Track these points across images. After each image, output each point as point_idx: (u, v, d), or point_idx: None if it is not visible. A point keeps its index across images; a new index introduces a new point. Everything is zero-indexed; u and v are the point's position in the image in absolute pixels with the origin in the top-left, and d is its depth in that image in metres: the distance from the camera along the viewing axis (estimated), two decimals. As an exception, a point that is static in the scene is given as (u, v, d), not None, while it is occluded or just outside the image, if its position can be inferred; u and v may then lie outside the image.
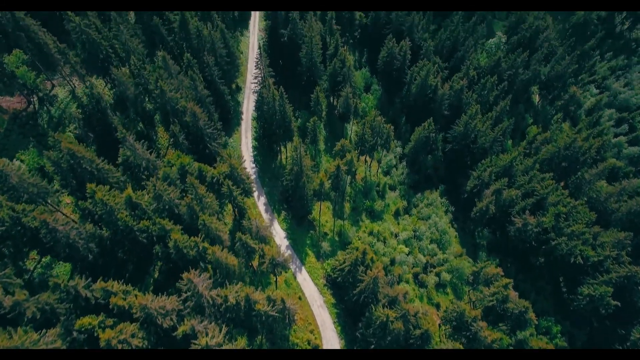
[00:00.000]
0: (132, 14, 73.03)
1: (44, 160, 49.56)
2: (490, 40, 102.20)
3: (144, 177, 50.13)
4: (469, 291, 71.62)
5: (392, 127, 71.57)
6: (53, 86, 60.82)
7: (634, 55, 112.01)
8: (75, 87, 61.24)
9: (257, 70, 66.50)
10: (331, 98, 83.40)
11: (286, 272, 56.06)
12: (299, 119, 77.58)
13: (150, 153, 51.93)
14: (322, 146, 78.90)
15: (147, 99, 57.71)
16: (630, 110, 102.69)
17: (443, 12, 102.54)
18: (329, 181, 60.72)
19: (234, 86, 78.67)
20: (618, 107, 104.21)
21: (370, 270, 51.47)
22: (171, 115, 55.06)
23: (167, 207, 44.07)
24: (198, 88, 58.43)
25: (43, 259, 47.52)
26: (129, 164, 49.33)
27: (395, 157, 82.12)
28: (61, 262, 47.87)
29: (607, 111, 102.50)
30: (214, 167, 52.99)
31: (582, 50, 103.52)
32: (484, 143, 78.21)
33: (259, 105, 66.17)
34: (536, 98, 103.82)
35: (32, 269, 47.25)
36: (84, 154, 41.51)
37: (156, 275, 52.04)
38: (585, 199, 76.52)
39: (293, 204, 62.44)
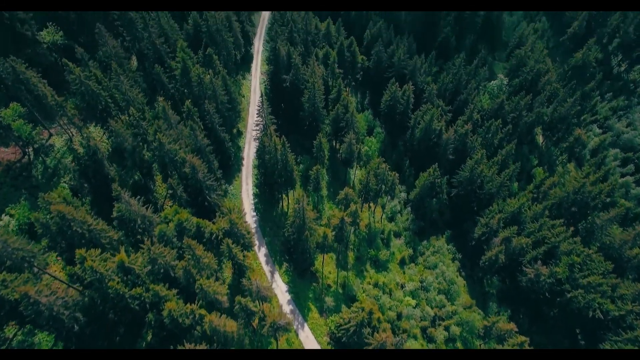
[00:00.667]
0: (134, 61, 72.90)
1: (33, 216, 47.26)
2: (492, 82, 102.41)
3: (139, 230, 47.77)
4: (480, 345, 67.61)
5: (396, 175, 69.90)
6: (50, 135, 59.42)
7: (633, 95, 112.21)
8: (73, 135, 59.83)
9: (258, 118, 65.34)
10: (334, 142, 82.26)
11: (288, 333, 52.65)
12: (301, 165, 75.98)
13: (147, 206, 49.77)
14: (324, 192, 76.91)
15: (145, 149, 56.09)
16: (635, 150, 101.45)
17: (445, 54, 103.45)
18: (333, 233, 58.24)
19: (234, 131, 77.57)
20: (622, 147, 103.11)
21: (377, 332, 48.14)
22: (170, 167, 53.27)
23: (162, 270, 41.39)
24: (198, 137, 56.96)
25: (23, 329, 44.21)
26: (124, 220, 46.99)
27: (399, 202, 79.96)
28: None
29: (611, 151, 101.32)
30: (213, 222, 50.62)
31: (582, 91, 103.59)
32: (491, 188, 76.24)
33: (260, 153, 64.56)
34: (540, 139, 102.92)
35: (11, 336, 43.86)
36: (75, 215, 39.20)
37: (149, 339, 48.60)
38: (598, 244, 73.68)
39: (295, 257, 59.64)
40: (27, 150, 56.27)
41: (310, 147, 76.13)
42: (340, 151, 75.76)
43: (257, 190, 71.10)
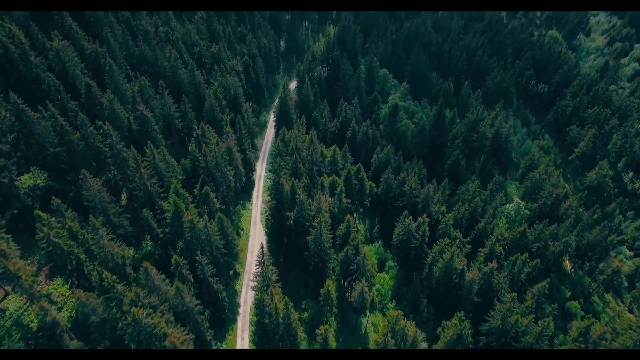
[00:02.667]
0: (124, 197, 66.90)
1: None
2: (509, 205, 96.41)
3: None
4: None
5: (418, 331, 59.12)
6: (6, 294, 50.14)
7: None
8: (33, 297, 50.43)
9: (258, 268, 56.72)
10: (342, 281, 72.85)
11: None
12: (305, 312, 65.67)
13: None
14: (333, 343, 65.14)
15: (119, 318, 46.33)
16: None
17: (456, 177, 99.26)
18: None
19: (231, 272, 68.63)
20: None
21: None
22: (145, 343, 43.04)
23: None
24: (185, 300, 47.76)
25: None
26: None
27: (422, 357, 67.40)
28: None
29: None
30: None
31: (604, 212, 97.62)
32: (529, 341, 64.68)
33: (259, 311, 54.72)
34: (568, 265, 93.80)
35: None
36: None
37: None
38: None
39: None
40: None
41: (315, 287, 67.11)
42: (351, 299, 65.99)
43: (255, 347, 59.83)
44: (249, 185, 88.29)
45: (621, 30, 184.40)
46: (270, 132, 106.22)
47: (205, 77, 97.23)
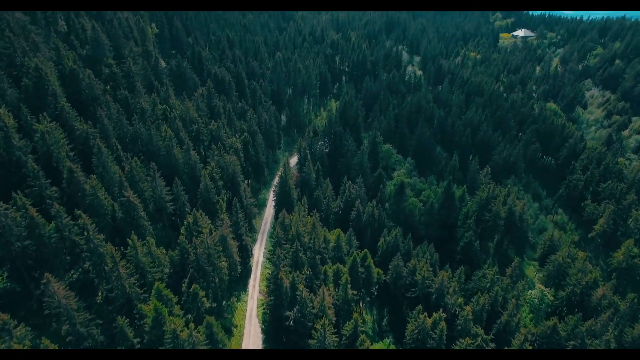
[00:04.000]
0: (100, 294, 58.50)
1: None
2: (531, 292, 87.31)
3: None
4: None
5: None
6: None
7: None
8: None
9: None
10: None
11: None
12: None
13: None
14: None
15: None
16: None
17: (470, 260, 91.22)
18: None
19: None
20: None
21: None
22: None
23: None
24: None
25: None
26: None
27: None
28: None
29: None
30: None
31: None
32: None
33: None
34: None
35: None
36: None
37: None
38: None
39: None
40: None
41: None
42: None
43: None
44: (245, 272, 79.90)
45: (616, 104, 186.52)
46: (269, 212, 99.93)
47: (204, 154, 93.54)
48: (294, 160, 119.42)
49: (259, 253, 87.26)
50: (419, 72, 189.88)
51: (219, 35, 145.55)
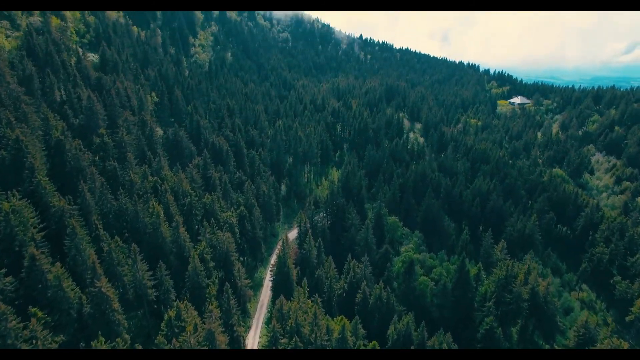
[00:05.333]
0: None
1: None
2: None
3: None
4: None
5: None
6: None
7: None
8: None
9: None
10: None
11: None
12: None
13: None
14: None
15: None
16: None
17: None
18: None
19: None
20: None
21: None
22: None
23: None
24: None
25: None
26: None
27: None
28: None
29: None
30: None
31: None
32: None
33: None
34: None
35: None
36: None
37: None
38: None
39: None
40: None
41: None
42: None
43: None
44: None
45: (624, 169, 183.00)
46: (266, 293, 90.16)
47: (197, 228, 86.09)
48: (293, 234, 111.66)
49: (253, 342, 76.29)
50: (421, 139, 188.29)
51: (219, 103, 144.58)
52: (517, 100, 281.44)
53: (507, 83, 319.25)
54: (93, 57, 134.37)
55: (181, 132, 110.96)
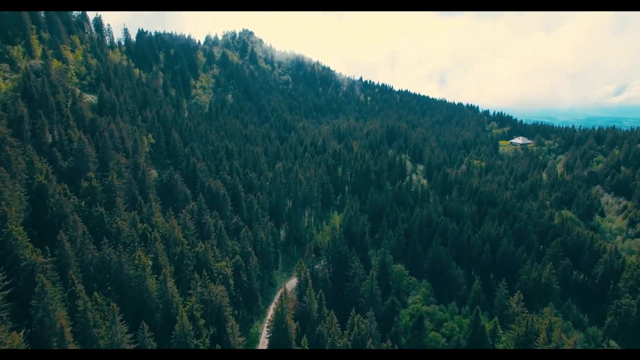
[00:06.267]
0: None
1: None
2: None
3: None
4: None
5: None
6: None
7: None
8: None
9: None
10: None
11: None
12: None
13: None
14: None
15: None
16: None
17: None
18: None
19: None
20: None
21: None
22: None
23: None
24: None
25: None
26: None
27: None
28: None
29: None
30: None
31: None
32: None
33: None
34: None
35: None
36: None
37: None
38: None
39: None
40: None
41: None
42: None
43: None
44: None
45: (636, 211, 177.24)
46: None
47: (188, 279, 79.24)
48: (292, 283, 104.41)
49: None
50: (424, 181, 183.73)
51: (217, 145, 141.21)
52: (518, 140, 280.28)
53: (507, 123, 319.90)
54: (92, 98, 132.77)
55: (176, 175, 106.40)
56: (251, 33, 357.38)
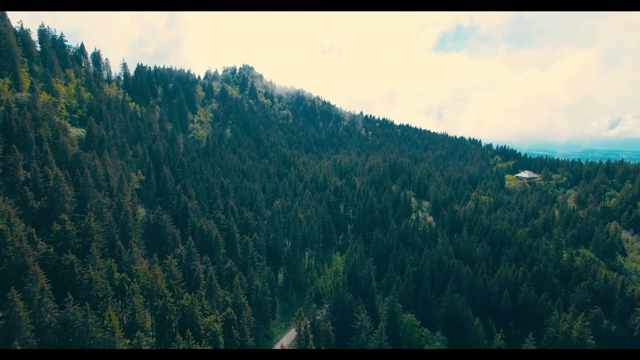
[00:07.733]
0: None
1: None
2: None
3: None
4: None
5: None
6: None
7: None
8: None
9: None
10: None
11: None
12: None
13: None
14: None
15: None
16: None
17: None
18: None
19: None
20: None
21: None
22: None
23: None
24: None
25: None
26: None
27: None
28: None
29: None
30: None
31: None
32: None
33: None
34: None
35: None
36: None
37: None
38: None
39: None
40: None
41: None
42: None
43: None
44: None
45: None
46: None
47: (169, 337, 68.49)
48: (291, 335, 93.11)
49: None
50: (430, 219, 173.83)
51: (212, 182, 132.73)
52: (524, 174, 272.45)
53: (512, 157, 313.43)
54: (81, 132, 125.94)
55: (164, 215, 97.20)
56: (251, 68, 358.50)
